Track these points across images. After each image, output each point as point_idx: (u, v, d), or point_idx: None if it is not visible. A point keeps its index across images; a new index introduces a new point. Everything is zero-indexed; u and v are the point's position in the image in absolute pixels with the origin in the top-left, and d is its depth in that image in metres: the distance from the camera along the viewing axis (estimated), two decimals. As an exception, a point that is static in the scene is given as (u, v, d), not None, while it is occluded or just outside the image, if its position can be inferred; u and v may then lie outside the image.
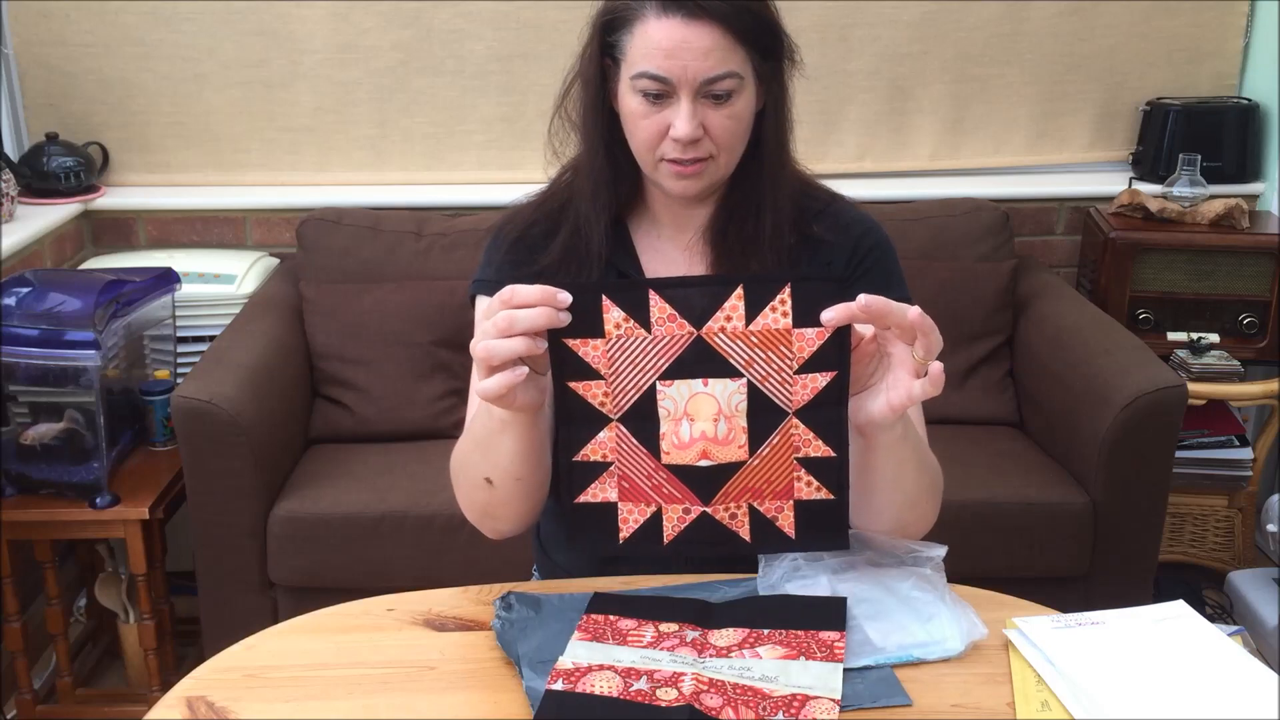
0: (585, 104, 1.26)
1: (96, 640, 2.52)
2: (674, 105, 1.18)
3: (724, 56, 1.16)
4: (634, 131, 1.22)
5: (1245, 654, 1.05)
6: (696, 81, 1.16)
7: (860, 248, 1.30)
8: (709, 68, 1.16)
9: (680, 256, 1.31)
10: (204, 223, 2.77)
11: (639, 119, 1.20)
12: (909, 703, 1.00)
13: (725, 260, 1.27)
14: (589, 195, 1.27)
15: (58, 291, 2.09)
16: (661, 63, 1.16)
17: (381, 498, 2.17)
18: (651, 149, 1.21)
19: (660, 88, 1.17)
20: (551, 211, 1.31)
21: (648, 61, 1.17)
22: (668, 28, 1.15)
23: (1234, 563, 2.60)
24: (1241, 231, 2.55)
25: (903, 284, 1.31)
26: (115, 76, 2.71)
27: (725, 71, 1.17)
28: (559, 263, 1.27)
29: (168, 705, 1.02)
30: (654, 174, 1.24)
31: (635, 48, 1.18)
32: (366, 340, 2.46)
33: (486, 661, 1.07)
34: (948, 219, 2.63)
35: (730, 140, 1.21)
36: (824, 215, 1.30)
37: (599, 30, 1.22)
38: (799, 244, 1.28)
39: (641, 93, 1.18)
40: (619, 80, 1.22)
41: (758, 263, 1.25)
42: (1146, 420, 2.10)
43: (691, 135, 1.18)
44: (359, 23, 2.69)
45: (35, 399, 2.11)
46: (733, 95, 1.18)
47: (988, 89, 2.83)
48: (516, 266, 1.28)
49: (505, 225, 1.33)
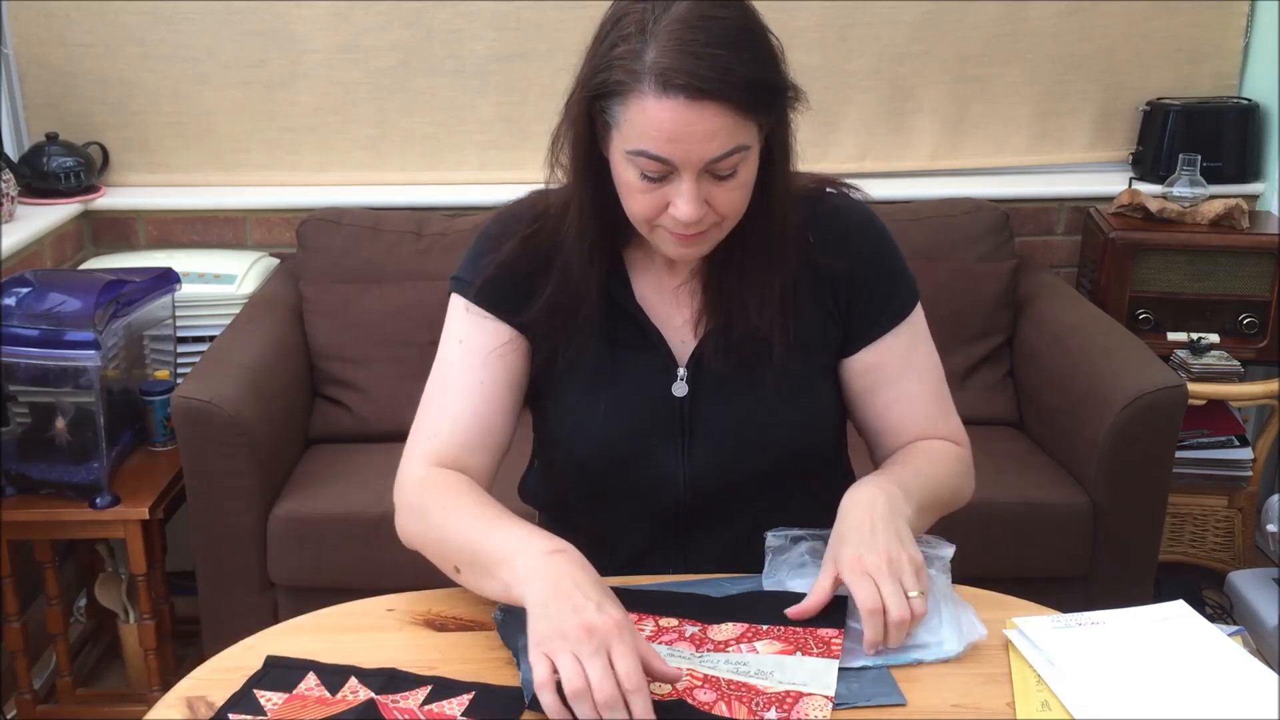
0: (573, 156, 1.15)
1: (96, 640, 2.52)
2: (674, 183, 1.08)
3: (730, 135, 1.06)
4: (630, 201, 1.12)
5: (1245, 654, 1.05)
6: (701, 163, 1.06)
7: (859, 263, 1.23)
8: (714, 149, 1.06)
9: (673, 292, 1.24)
10: (204, 223, 2.77)
11: (636, 193, 1.10)
12: (903, 702, 1.00)
13: (720, 306, 1.21)
14: (580, 253, 1.18)
15: (58, 291, 2.09)
16: (663, 146, 1.05)
17: (381, 498, 2.15)
18: (648, 220, 1.12)
19: (660, 169, 1.07)
20: (540, 251, 1.21)
21: (646, 142, 1.06)
22: (669, 110, 1.03)
23: (1234, 563, 2.60)
24: (1241, 231, 2.55)
25: (906, 279, 1.26)
26: (115, 76, 2.71)
27: (732, 148, 1.06)
28: (549, 309, 1.20)
29: (168, 705, 1.02)
30: (650, 237, 1.15)
31: (632, 123, 1.06)
32: (366, 340, 2.46)
33: (486, 661, 1.07)
34: (948, 219, 2.63)
35: (735, 209, 1.13)
36: (819, 227, 1.23)
37: (586, 92, 1.10)
38: (803, 266, 1.21)
39: (639, 170, 1.08)
40: (608, 140, 1.11)
41: (759, 318, 1.19)
42: (1146, 420, 2.10)
43: (696, 217, 1.09)
44: (359, 23, 2.69)
45: (35, 399, 2.11)
46: (738, 169, 1.09)
47: (988, 89, 2.83)
48: (502, 307, 1.22)
49: (490, 242, 1.24)
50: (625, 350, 1.23)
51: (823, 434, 1.27)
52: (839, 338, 1.26)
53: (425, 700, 1.00)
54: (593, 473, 1.25)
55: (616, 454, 1.23)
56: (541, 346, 1.23)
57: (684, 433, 1.22)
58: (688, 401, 1.22)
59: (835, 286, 1.24)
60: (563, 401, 1.25)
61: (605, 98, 1.08)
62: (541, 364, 1.24)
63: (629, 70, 1.05)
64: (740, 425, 1.21)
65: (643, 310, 1.23)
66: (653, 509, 1.25)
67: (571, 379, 1.23)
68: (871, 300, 1.24)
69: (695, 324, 1.23)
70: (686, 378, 1.22)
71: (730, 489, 1.24)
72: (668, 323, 1.24)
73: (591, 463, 1.24)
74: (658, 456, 1.22)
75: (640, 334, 1.23)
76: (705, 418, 1.22)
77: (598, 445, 1.23)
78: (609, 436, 1.22)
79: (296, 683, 1.03)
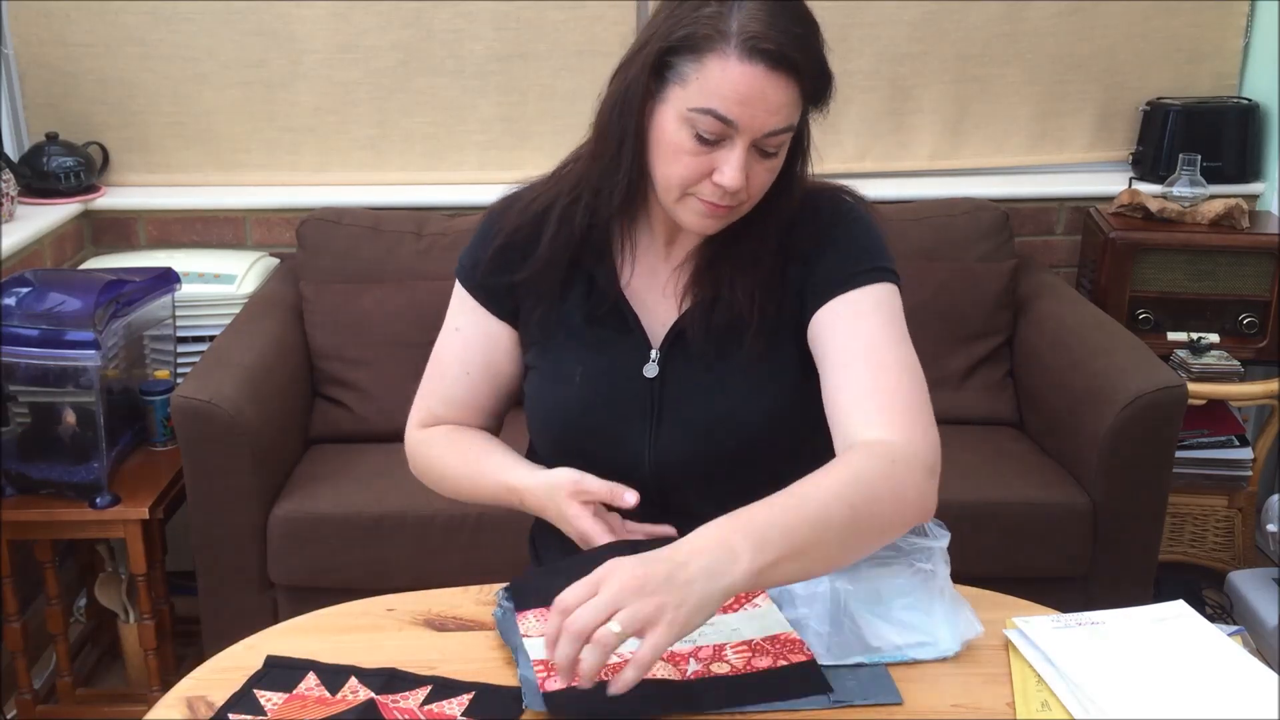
0: (621, 111, 1.16)
1: (96, 640, 2.52)
2: (725, 150, 1.11)
3: (791, 112, 1.11)
4: (672, 164, 1.14)
5: (1245, 654, 1.05)
6: (760, 134, 1.10)
7: (822, 234, 1.22)
8: (776, 121, 1.10)
9: (665, 268, 1.26)
10: (204, 223, 2.77)
11: (683, 154, 1.12)
12: (899, 701, 1.00)
13: (707, 282, 1.22)
14: (593, 191, 1.21)
15: (58, 291, 2.09)
16: (733, 108, 1.08)
17: (381, 498, 2.17)
18: (685, 186, 1.14)
19: (721, 131, 1.10)
20: (537, 214, 1.27)
21: (717, 102, 1.08)
22: (749, 75, 1.07)
23: (1234, 563, 2.60)
24: (1241, 231, 2.55)
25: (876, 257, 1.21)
26: (115, 76, 2.71)
27: (787, 126, 1.12)
28: (537, 273, 1.25)
29: (168, 705, 1.02)
30: (674, 205, 1.17)
31: (705, 81, 1.09)
32: (366, 340, 2.46)
33: (486, 661, 1.07)
34: (948, 219, 2.63)
35: (762, 191, 1.17)
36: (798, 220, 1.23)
37: (660, 49, 1.12)
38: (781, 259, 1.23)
39: (694, 129, 1.11)
40: (663, 100, 1.13)
41: (742, 297, 1.20)
42: (1146, 420, 2.10)
43: (739, 185, 1.12)
44: (359, 23, 2.69)
45: (35, 399, 2.11)
46: (779, 149, 1.14)
47: (988, 89, 2.83)
48: (502, 272, 1.28)
49: (499, 215, 1.31)
50: (603, 330, 1.26)
51: (789, 423, 1.25)
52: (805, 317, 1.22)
53: (425, 700, 1.01)
54: (565, 444, 1.26)
55: (586, 423, 1.25)
56: (534, 309, 1.27)
57: (653, 414, 1.24)
58: (657, 383, 1.24)
59: (800, 263, 1.22)
60: (542, 369, 1.29)
61: (681, 52, 1.11)
62: (533, 332, 1.28)
63: (716, 29, 1.08)
64: (707, 410, 1.23)
65: (625, 298, 1.26)
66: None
67: (552, 347, 1.28)
68: (827, 260, 1.21)
69: (680, 299, 1.25)
70: (659, 359, 1.24)
71: (696, 474, 1.24)
72: (649, 308, 1.27)
73: (565, 431, 1.27)
74: (626, 435, 1.24)
75: (620, 319, 1.26)
76: (674, 399, 1.23)
77: (570, 412, 1.26)
78: (580, 404, 1.25)
79: (296, 683, 1.03)
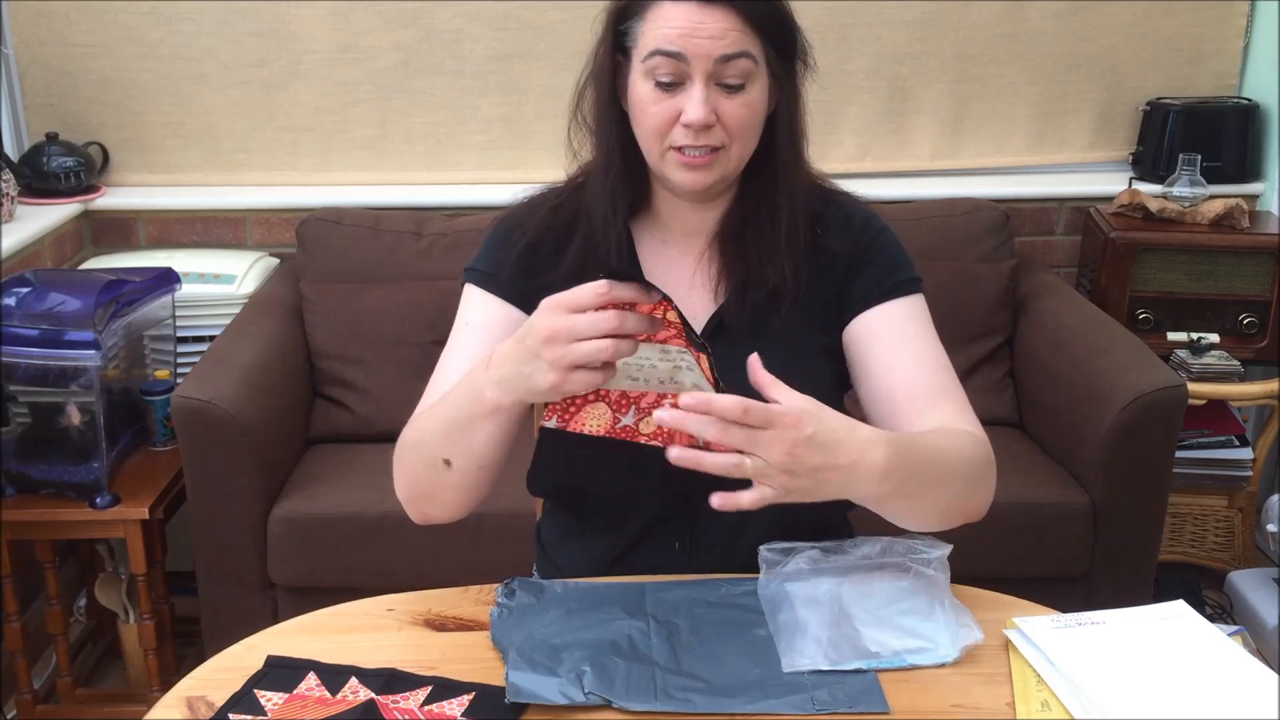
0: (598, 100, 1.24)
1: (96, 640, 2.52)
2: (686, 91, 1.16)
3: (738, 38, 1.15)
4: (642, 119, 1.19)
5: (1245, 654, 1.05)
6: (710, 60, 1.14)
7: (859, 244, 1.28)
8: (723, 47, 1.14)
9: (687, 263, 1.29)
10: (204, 223, 2.77)
11: (648, 105, 1.18)
12: (886, 711, 0.99)
13: (739, 267, 1.25)
14: (604, 198, 1.25)
15: (58, 291, 2.09)
16: (675, 41, 1.14)
17: (381, 498, 2.16)
18: (660, 137, 1.18)
19: (673, 69, 1.15)
20: (566, 219, 1.28)
21: (661, 41, 1.15)
22: (683, 10, 1.14)
23: (1234, 563, 2.60)
24: (1241, 231, 2.55)
25: (908, 266, 1.28)
26: (115, 76, 2.71)
27: (739, 50, 1.15)
28: (573, 275, 1.23)
29: (168, 705, 1.02)
30: (661, 165, 1.21)
31: (647, 31, 1.17)
32: (366, 340, 2.46)
33: (487, 661, 1.07)
34: (948, 219, 2.63)
35: (742, 130, 1.19)
36: (825, 218, 1.28)
37: (612, 19, 1.21)
38: (811, 249, 1.26)
39: (653, 78, 1.16)
40: (630, 73, 1.20)
41: (773, 270, 1.23)
42: (1146, 420, 2.10)
43: (704, 119, 1.15)
44: (359, 23, 2.69)
45: (35, 399, 2.11)
46: (746, 83, 1.17)
47: (988, 89, 2.83)
48: (529, 276, 1.26)
49: (514, 224, 1.30)
50: None
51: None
52: (841, 320, 1.27)
53: (425, 701, 1.00)
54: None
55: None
56: None
57: None
58: None
59: (835, 266, 1.27)
60: None
61: (629, 18, 1.19)
62: None
63: None
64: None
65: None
66: (654, 482, 1.23)
67: None
68: (869, 271, 1.26)
69: (715, 289, 1.27)
70: None
71: None
72: (678, 297, 1.25)
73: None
74: None
75: None
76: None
77: None
78: None
79: (297, 683, 1.03)
